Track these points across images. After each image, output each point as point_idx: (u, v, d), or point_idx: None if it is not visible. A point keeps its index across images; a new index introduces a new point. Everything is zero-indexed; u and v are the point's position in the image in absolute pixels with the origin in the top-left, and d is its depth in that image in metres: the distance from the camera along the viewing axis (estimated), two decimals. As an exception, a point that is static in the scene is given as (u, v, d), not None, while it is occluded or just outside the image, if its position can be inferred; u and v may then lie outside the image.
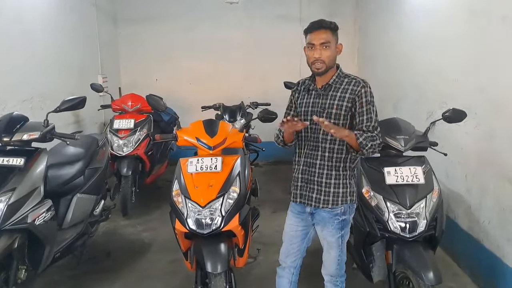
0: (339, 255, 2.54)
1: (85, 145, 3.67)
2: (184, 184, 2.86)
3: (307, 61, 2.46)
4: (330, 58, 2.40)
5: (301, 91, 2.60)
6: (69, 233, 3.29)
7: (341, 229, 2.51)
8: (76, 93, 3.61)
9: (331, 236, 2.51)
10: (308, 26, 2.45)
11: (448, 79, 3.94)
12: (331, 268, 2.59)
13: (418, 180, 2.74)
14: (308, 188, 2.51)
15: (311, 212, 2.54)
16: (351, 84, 2.43)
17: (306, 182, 2.51)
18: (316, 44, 2.37)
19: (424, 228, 2.64)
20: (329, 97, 2.44)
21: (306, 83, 2.58)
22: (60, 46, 5.12)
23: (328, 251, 2.57)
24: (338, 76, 2.47)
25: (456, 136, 3.73)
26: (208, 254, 2.66)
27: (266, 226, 4.41)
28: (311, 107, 2.49)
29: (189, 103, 6.91)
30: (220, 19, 7.16)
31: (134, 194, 4.96)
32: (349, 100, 2.39)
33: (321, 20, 2.42)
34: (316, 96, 2.49)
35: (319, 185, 2.47)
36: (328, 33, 2.39)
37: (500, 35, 3.14)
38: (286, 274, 2.74)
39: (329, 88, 2.45)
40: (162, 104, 3.31)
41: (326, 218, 2.49)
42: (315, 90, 2.51)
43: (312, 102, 2.50)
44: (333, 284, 2.62)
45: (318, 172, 2.47)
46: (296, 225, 2.64)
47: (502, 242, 3.14)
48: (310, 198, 2.50)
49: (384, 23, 5.95)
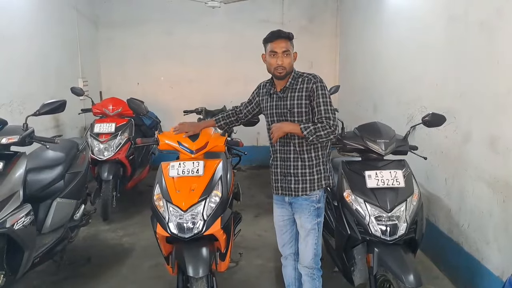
0: (315, 243, 2.74)
1: (65, 149, 3.62)
2: (165, 188, 2.84)
3: (268, 68, 2.71)
4: (290, 64, 2.65)
5: (263, 94, 2.86)
6: (49, 238, 3.23)
7: (317, 216, 2.73)
8: (56, 96, 3.57)
9: (308, 223, 2.72)
10: (269, 36, 2.67)
11: (427, 84, 4.00)
12: (307, 258, 2.76)
13: (399, 184, 2.77)
14: (286, 180, 2.74)
15: (289, 201, 2.78)
16: (304, 82, 2.66)
17: (284, 175, 2.75)
18: (279, 52, 2.61)
19: (405, 231, 2.66)
20: (288, 98, 2.68)
21: (267, 87, 2.83)
22: (40, 50, 5.05)
23: (306, 240, 2.75)
24: (293, 78, 2.70)
25: (436, 140, 3.79)
26: (189, 258, 2.64)
27: (248, 231, 4.41)
28: (275, 109, 2.74)
29: (171, 107, 6.89)
30: (202, 23, 7.15)
31: (115, 199, 4.91)
32: (306, 97, 2.63)
33: (280, 30, 2.66)
34: (278, 99, 2.73)
35: (295, 176, 2.71)
36: (287, 42, 2.64)
37: (478, 41, 3.20)
38: (289, 262, 2.96)
39: (288, 90, 2.69)
40: (143, 108, 3.28)
41: (303, 205, 2.72)
42: (276, 93, 2.75)
43: (275, 105, 2.74)
44: (310, 277, 2.78)
45: (293, 165, 2.71)
46: (282, 215, 2.89)
47: (481, 245, 3.19)
48: (289, 188, 2.73)
49: (363, 28, 6.02)
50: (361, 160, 3.09)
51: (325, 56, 7.50)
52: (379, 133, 3.04)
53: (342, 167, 3.00)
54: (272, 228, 2.98)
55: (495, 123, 3.01)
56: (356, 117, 5.67)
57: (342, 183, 2.91)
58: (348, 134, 3.15)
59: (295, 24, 7.17)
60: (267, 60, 2.69)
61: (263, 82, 2.90)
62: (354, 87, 6.44)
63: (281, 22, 7.28)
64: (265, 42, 2.70)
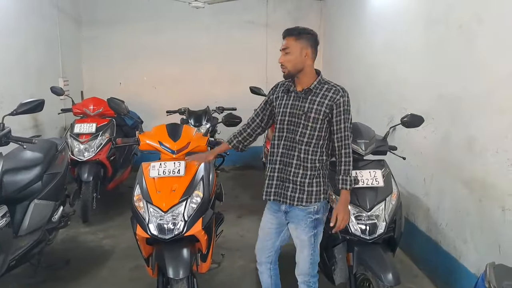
0: (311, 254, 2.63)
1: (43, 149, 3.55)
2: (146, 188, 2.81)
3: None
4: (291, 62, 2.49)
5: (280, 91, 2.69)
6: (26, 241, 3.16)
7: (314, 228, 2.61)
8: (36, 96, 3.51)
9: (304, 235, 2.60)
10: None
11: (408, 85, 4.05)
12: (304, 267, 2.67)
13: (378, 183, 2.81)
14: (283, 186, 2.61)
15: (286, 210, 2.65)
16: (330, 91, 2.52)
17: (282, 181, 2.62)
18: (281, 50, 2.53)
19: (384, 230, 2.70)
20: (308, 101, 2.53)
21: (286, 85, 2.67)
22: (19, 48, 4.95)
23: (301, 250, 2.65)
24: (319, 82, 2.56)
25: (415, 140, 3.84)
26: (170, 259, 2.62)
27: (231, 231, 4.40)
28: (290, 109, 2.58)
29: (154, 108, 6.83)
30: (186, 23, 7.12)
31: (95, 201, 4.84)
32: (327, 106, 2.50)
33: (287, 28, 2.55)
34: (296, 99, 2.58)
35: (294, 183, 2.57)
36: (290, 40, 2.50)
37: (457, 44, 3.26)
38: (265, 270, 2.89)
39: (310, 93, 2.55)
40: (124, 108, 3.25)
41: (300, 216, 2.59)
42: (295, 92, 2.59)
43: (291, 104, 2.59)
44: (306, 285, 2.71)
45: (294, 171, 2.57)
46: (271, 223, 2.76)
47: (458, 243, 3.24)
48: (285, 196, 2.60)
49: (347, 30, 6.07)
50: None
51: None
52: (360, 134, 3.07)
53: (323, 167, 3.02)
54: (255, 229, 2.94)
55: (472, 124, 3.07)
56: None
57: (323, 183, 2.92)
58: (328, 135, 3.16)
59: (280, 26, 7.03)
60: None
61: (282, 81, 2.72)
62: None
63: (265, 23, 7.31)
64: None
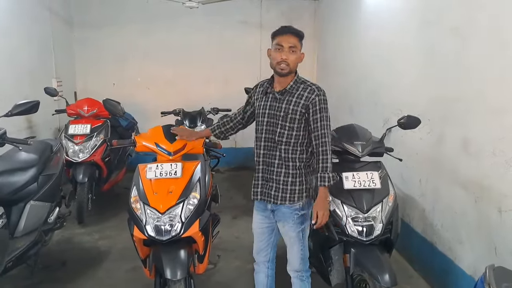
0: (301, 250, 2.69)
1: (38, 150, 3.53)
2: (142, 190, 2.81)
3: (271, 63, 2.57)
4: (294, 62, 2.53)
5: (259, 92, 2.72)
6: (22, 242, 3.14)
7: (301, 224, 2.66)
8: (29, 97, 3.48)
9: (292, 231, 2.66)
10: (278, 29, 2.56)
11: (403, 87, 4.08)
12: (295, 263, 2.72)
13: (375, 185, 2.82)
14: (267, 186, 2.66)
15: (272, 209, 2.69)
16: (306, 90, 2.55)
17: (266, 180, 2.67)
18: (285, 46, 2.49)
19: (380, 232, 2.71)
20: (285, 102, 2.57)
21: (265, 86, 2.70)
22: (12, 49, 4.91)
23: (291, 246, 2.70)
24: (295, 82, 2.59)
25: (411, 142, 3.86)
26: (167, 261, 2.63)
27: (226, 232, 4.40)
28: (268, 110, 2.62)
29: (148, 108, 6.81)
30: (179, 23, 7.09)
31: (90, 202, 4.82)
32: (303, 106, 2.53)
33: (291, 26, 2.55)
34: (273, 100, 2.61)
35: (277, 183, 2.62)
36: (296, 39, 2.52)
37: (450, 46, 3.28)
38: (262, 269, 2.90)
39: (286, 93, 2.58)
40: (120, 109, 3.25)
41: (287, 214, 2.64)
42: (272, 93, 2.62)
43: (269, 105, 2.62)
44: (299, 279, 2.75)
45: (276, 171, 2.62)
46: (261, 222, 2.81)
47: (454, 244, 3.27)
48: (269, 195, 2.65)
49: (341, 31, 6.09)
50: (338, 161, 3.12)
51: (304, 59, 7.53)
52: (356, 135, 3.08)
53: (320, 168, 3.03)
54: (250, 230, 2.97)
55: (467, 125, 3.09)
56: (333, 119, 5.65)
57: (320, 184, 2.93)
58: (326, 136, 3.17)
59: (273, 26, 7.07)
60: (271, 54, 2.55)
61: (261, 81, 2.75)
62: (331, 89, 6.45)
63: (259, 24, 7.31)
64: (273, 35, 2.57)
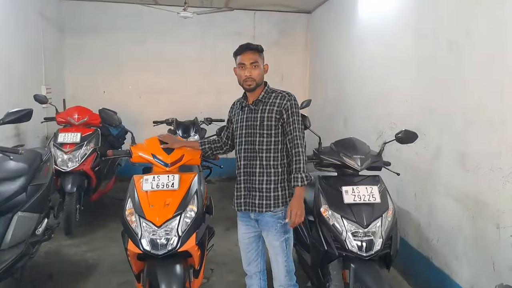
0: (285, 261, 2.69)
1: (28, 160, 3.41)
2: (138, 202, 2.74)
3: (238, 80, 2.73)
4: (259, 76, 2.67)
5: (236, 109, 2.86)
6: (9, 255, 3.02)
7: (284, 233, 2.68)
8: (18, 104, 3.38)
9: (275, 240, 2.68)
10: (238, 49, 2.71)
11: (397, 100, 4.08)
12: (281, 277, 2.71)
13: (375, 199, 2.79)
14: (250, 196, 2.70)
15: (255, 218, 2.73)
16: (277, 98, 2.68)
17: (248, 190, 2.71)
18: (247, 64, 2.64)
19: (380, 247, 2.68)
20: (259, 111, 2.68)
21: (240, 101, 2.84)
22: (2, 56, 4.80)
23: (276, 258, 2.71)
24: (266, 92, 2.73)
25: (406, 155, 3.85)
26: (163, 276, 2.56)
27: (219, 245, 4.32)
28: (246, 122, 2.73)
29: (139, 117, 6.73)
30: (173, 33, 7.08)
31: (78, 212, 4.71)
32: (277, 112, 2.65)
33: (249, 43, 2.71)
34: (249, 111, 2.73)
35: (260, 191, 2.67)
36: (256, 54, 2.67)
37: (446, 58, 3.30)
38: (255, 282, 2.89)
39: (259, 103, 2.70)
40: (116, 119, 3.19)
41: (270, 222, 2.67)
42: (248, 106, 2.75)
43: (246, 117, 2.74)
44: None
45: (258, 180, 2.67)
46: (247, 232, 2.83)
47: (450, 259, 3.25)
48: (253, 204, 2.69)
49: (334, 42, 6.12)
50: (337, 175, 3.10)
51: (296, 70, 7.60)
52: (355, 149, 3.06)
53: (319, 182, 3.00)
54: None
55: (464, 140, 3.10)
56: (327, 131, 5.72)
57: (319, 198, 2.90)
58: (324, 149, 3.16)
59: (267, 38, 7.24)
60: (237, 72, 2.72)
61: (237, 100, 2.91)
62: (324, 101, 6.52)
63: (252, 35, 7.33)
64: (234, 55, 2.72)
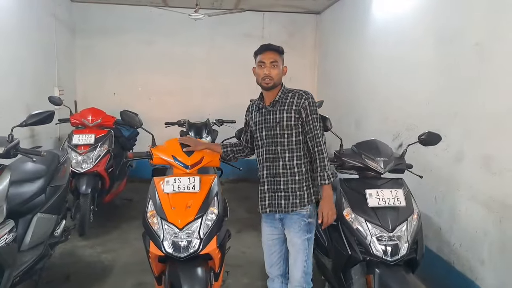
0: (305, 261, 2.66)
1: (46, 161, 3.41)
2: (159, 204, 2.71)
3: (256, 79, 2.72)
4: (277, 75, 2.67)
5: (252, 111, 2.86)
6: (29, 256, 3.01)
7: (307, 232, 2.67)
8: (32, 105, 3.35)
9: (297, 238, 2.65)
10: (259, 48, 2.73)
11: (417, 102, 4.03)
12: (297, 276, 2.67)
13: (400, 203, 2.75)
14: (276, 197, 2.69)
15: (280, 218, 2.72)
16: (295, 97, 2.68)
17: (273, 192, 2.69)
18: (267, 63, 2.65)
19: (406, 252, 2.62)
20: (277, 112, 2.68)
21: (256, 103, 2.83)
22: (15, 56, 4.79)
23: (295, 257, 2.67)
24: (283, 92, 2.72)
25: (425, 158, 3.80)
26: (185, 278, 2.53)
27: (232, 247, 4.22)
28: (264, 123, 2.72)
29: (149, 119, 6.59)
30: (182, 34, 7.07)
31: (92, 213, 4.69)
32: (296, 112, 2.64)
33: (270, 44, 2.75)
34: (267, 113, 2.72)
35: (286, 192, 2.65)
36: (276, 54, 2.69)
37: (472, 61, 3.25)
38: (276, 285, 2.86)
39: (277, 104, 2.69)
40: (138, 121, 3.16)
41: (294, 219, 2.66)
42: (265, 107, 2.74)
43: (264, 119, 2.72)
44: None
45: (283, 180, 2.66)
46: (271, 234, 2.80)
47: (474, 264, 3.19)
48: (279, 205, 2.67)
49: (345, 43, 6.08)
50: (359, 178, 3.05)
51: (305, 71, 7.56)
52: (378, 151, 3.01)
53: (341, 185, 2.95)
54: (256, 244, 2.87)
55: (490, 143, 3.04)
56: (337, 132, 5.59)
57: (341, 201, 2.85)
58: (346, 152, 3.12)
59: (275, 39, 7.11)
60: (256, 71, 2.71)
61: (252, 102, 2.90)
62: (334, 103, 6.46)
63: (261, 36, 7.30)
64: (255, 54, 2.73)
